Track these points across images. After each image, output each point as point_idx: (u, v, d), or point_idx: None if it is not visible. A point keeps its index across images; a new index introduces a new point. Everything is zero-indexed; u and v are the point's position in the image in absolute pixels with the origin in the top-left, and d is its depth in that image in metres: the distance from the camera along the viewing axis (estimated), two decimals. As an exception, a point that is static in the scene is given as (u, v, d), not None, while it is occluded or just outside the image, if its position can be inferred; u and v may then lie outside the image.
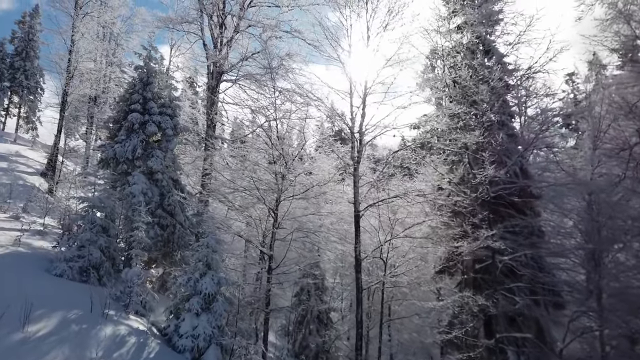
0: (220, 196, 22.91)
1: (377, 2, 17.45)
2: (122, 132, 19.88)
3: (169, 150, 20.61)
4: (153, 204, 18.94)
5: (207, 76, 24.33)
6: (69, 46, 30.48)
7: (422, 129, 18.46)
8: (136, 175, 18.95)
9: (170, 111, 20.85)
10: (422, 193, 16.81)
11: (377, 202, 17.15)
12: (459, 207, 16.86)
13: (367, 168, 18.35)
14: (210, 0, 23.92)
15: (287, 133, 18.56)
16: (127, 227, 17.79)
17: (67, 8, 30.62)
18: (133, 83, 20.74)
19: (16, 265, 13.63)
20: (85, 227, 15.10)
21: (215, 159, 23.28)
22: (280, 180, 17.85)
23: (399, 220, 17.76)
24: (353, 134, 17.76)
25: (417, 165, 18.01)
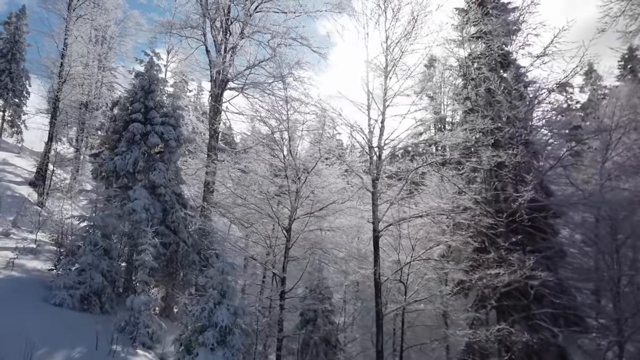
0: (225, 211, 21.86)
1: (398, 10, 16.48)
2: (122, 143, 18.62)
3: (172, 162, 19.40)
4: (155, 220, 17.70)
5: (211, 84, 23.19)
6: (62, 50, 29.03)
7: (443, 143, 17.51)
8: (137, 189, 17.75)
9: (173, 121, 19.65)
10: (446, 212, 15.84)
11: (397, 221, 16.17)
12: (483, 227, 15.94)
13: (385, 184, 17.30)
14: (215, 4, 22.77)
15: (299, 145, 17.45)
16: (129, 247, 16.59)
17: (60, 10, 29.19)
18: (134, 91, 19.50)
19: (12, 295, 12.38)
20: (86, 249, 13.88)
21: (218, 171, 22.20)
22: (293, 196, 16.79)
23: (419, 240, 16.77)
24: (371, 149, 16.78)
25: (438, 181, 17.09)
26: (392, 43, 16.91)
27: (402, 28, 16.52)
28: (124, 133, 18.86)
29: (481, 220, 15.80)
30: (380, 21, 17.25)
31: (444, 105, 42.16)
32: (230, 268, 12.67)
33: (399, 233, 16.68)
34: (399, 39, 16.65)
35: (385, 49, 17.11)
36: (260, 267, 22.03)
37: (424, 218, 16.23)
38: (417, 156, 18.46)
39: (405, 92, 16.10)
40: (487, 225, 15.78)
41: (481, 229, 15.91)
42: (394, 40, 16.83)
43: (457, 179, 17.11)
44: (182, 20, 23.19)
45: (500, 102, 16.18)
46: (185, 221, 19.09)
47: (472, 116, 16.60)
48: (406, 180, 16.46)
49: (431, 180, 17.87)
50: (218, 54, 23.46)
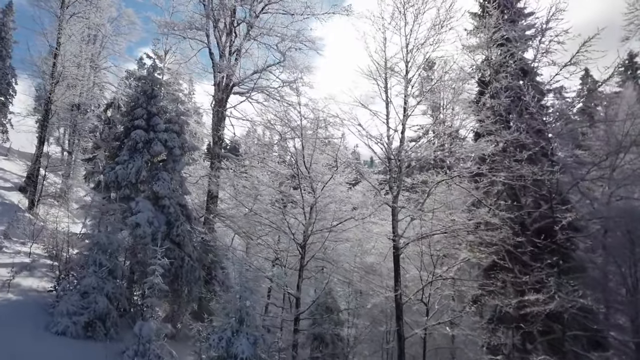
0: (229, 222, 20.87)
1: (422, 14, 15.63)
2: (123, 151, 17.51)
3: (176, 171, 18.35)
4: (160, 234, 16.65)
5: (214, 88, 22.09)
6: (54, 49, 27.70)
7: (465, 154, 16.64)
8: (141, 201, 16.69)
9: (177, 127, 18.61)
10: (471, 228, 14.99)
11: (419, 237, 15.29)
12: (509, 246, 15.12)
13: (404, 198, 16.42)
14: (220, 5, 21.71)
15: (313, 156, 16.47)
16: (133, 264, 15.54)
17: (53, 8, 27.88)
18: (135, 96, 18.39)
19: (10, 322, 11.35)
20: (89, 270, 12.79)
21: (223, 179, 21.17)
22: (308, 210, 15.84)
23: (442, 257, 15.93)
24: (390, 161, 15.90)
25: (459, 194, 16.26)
26: (413, 48, 16.06)
27: (425, 33, 15.64)
28: (125, 140, 17.78)
29: (507, 237, 14.96)
30: (400, 25, 16.42)
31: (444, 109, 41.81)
32: (248, 293, 11.69)
33: (420, 250, 15.79)
34: (422, 45, 15.80)
35: (406, 55, 16.26)
36: (265, 281, 21.10)
37: (447, 234, 15.36)
38: (437, 168, 17.59)
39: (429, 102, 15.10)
40: (514, 243, 14.96)
41: (508, 247, 15.08)
42: (416, 46, 15.99)
43: (479, 193, 16.24)
44: (184, 21, 21.99)
45: (532, 114, 15.38)
46: (190, 234, 18.04)
47: (496, 127, 15.75)
48: (428, 194, 15.58)
49: (451, 194, 16.95)
50: (222, 57, 22.42)
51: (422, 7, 15.93)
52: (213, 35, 22.48)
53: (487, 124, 15.22)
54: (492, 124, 15.36)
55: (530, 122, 16.02)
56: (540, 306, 12.41)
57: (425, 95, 16.70)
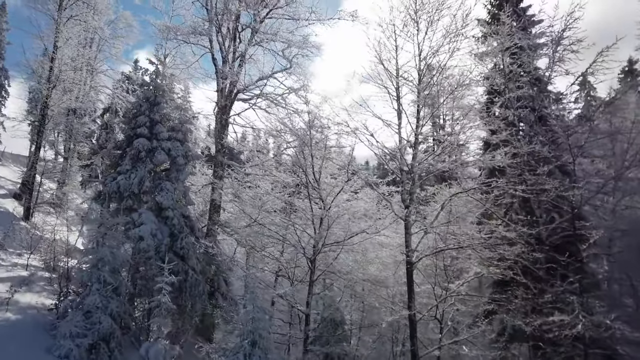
0: (233, 232, 20.32)
1: (437, 21, 15.21)
2: (126, 160, 16.90)
3: (180, 181, 17.75)
4: (163, 247, 16.09)
5: (217, 94, 21.53)
6: (51, 52, 27.03)
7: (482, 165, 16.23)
8: (144, 213, 16.10)
9: (180, 135, 18.03)
10: (487, 243, 14.52)
11: (434, 251, 14.82)
12: (526, 261, 14.67)
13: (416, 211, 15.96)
14: (224, 10, 21.18)
15: (323, 167, 15.98)
16: (136, 279, 14.93)
17: (50, 10, 27.19)
18: (138, 103, 17.79)
19: (10, 345, 10.73)
20: (93, 288, 12.19)
21: (226, 188, 20.63)
22: (317, 222, 15.32)
23: (456, 271, 15.49)
24: (403, 172, 15.43)
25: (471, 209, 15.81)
26: (427, 56, 15.65)
27: (439, 41, 15.22)
28: (127, 149, 17.17)
29: (523, 252, 14.52)
30: (413, 32, 16.00)
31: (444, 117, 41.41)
32: (262, 314, 11.15)
33: (434, 264, 15.33)
34: (435, 53, 15.39)
35: (419, 63, 15.84)
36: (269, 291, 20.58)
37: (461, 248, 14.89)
38: (448, 179, 17.18)
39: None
40: (530, 258, 14.53)
41: (524, 262, 14.63)
42: (429, 54, 15.57)
43: (493, 206, 15.81)
44: (188, 26, 21.40)
45: (548, 124, 15.00)
46: (194, 246, 17.45)
47: (512, 137, 15.35)
48: (442, 207, 15.13)
49: (464, 206, 16.50)
50: (225, 63, 21.87)
51: (435, 14, 15.54)
52: (216, 40, 21.95)
53: (504, 135, 14.78)
54: (509, 135, 14.96)
55: (548, 134, 15.66)
56: (567, 329, 11.88)
57: (424, 101, 16.28)
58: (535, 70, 17.79)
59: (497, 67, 19.73)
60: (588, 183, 14.64)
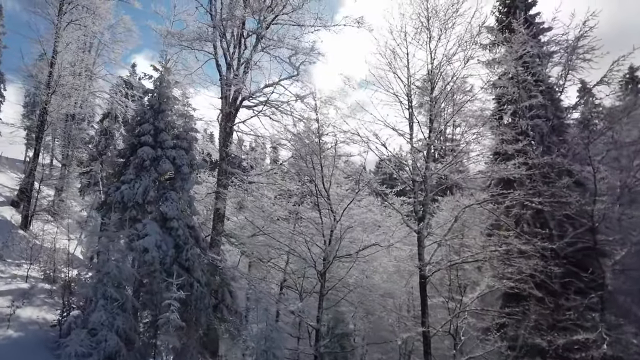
0: (237, 242, 19.90)
1: (452, 27, 14.89)
2: (130, 169, 16.43)
3: (185, 191, 17.30)
4: (168, 259, 15.64)
5: (221, 101, 21.13)
6: (51, 57, 26.56)
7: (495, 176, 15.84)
8: (148, 224, 15.63)
9: (185, 144, 17.59)
10: (505, 256, 14.15)
11: (449, 264, 14.41)
12: (539, 273, 14.31)
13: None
14: (229, 15, 20.81)
15: (332, 176, 15.59)
16: (142, 293, 14.46)
17: (50, 15, 26.73)
18: (142, 110, 17.34)
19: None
20: (98, 304, 11.72)
21: (231, 198, 20.22)
22: (328, 234, 14.91)
23: (469, 284, 15.10)
24: (415, 183, 15.06)
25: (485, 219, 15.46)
26: (439, 64, 15.33)
27: (453, 49, 14.90)
28: (131, 158, 16.72)
29: (538, 265, 14.16)
30: (424, 40, 15.69)
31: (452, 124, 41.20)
32: (275, 333, 10.72)
33: (448, 277, 14.95)
34: (449, 61, 15.07)
35: (431, 71, 15.52)
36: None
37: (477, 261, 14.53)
38: (457, 190, 16.84)
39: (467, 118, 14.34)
40: (545, 271, 14.17)
41: (540, 275, 14.27)
42: (443, 62, 15.26)
43: (507, 218, 15.47)
44: (193, 32, 21.01)
45: (567, 135, 14.70)
46: (200, 258, 16.99)
47: (528, 149, 15.03)
48: (456, 219, 14.76)
49: (478, 218, 16.12)
50: (229, 69, 21.49)
51: (449, 21, 15.23)
52: (220, 46, 21.57)
53: (520, 145, 14.44)
54: (526, 145, 14.64)
55: (563, 144, 15.37)
56: (592, 349, 11.49)
57: (437, 110, 15.96)
58: (548, 78, 17.53)
59: (507, 74, 19.45)
60: (610, 196, 14.30)
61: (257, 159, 21.52)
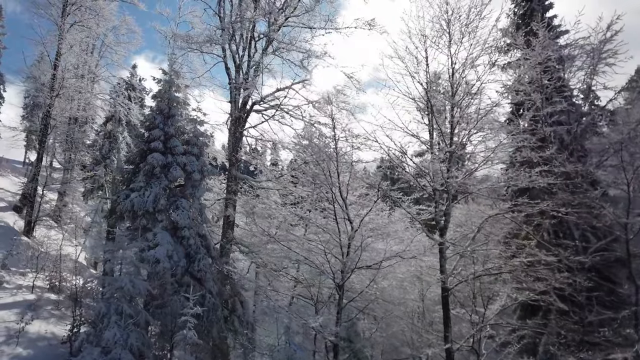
0: (248, 250, 19.39)
1: (474, 31, 14.37)
2: (139, 177, 15.91)
3: (196, 198, 16.83)
4: (179, 269, 15.14)
5: (230, 105, 20.60)
6: (54, 60, 26.04)
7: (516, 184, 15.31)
8: (160, 233, 15.11)
9: (196, 150, 17.11)
10: (532, 269, 13.62)
11: (472, 276, 13.86)
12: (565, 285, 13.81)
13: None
14: (239, 18, 20.30)
15: (350, 184, 15.07)
16: (153, 307, 13.92)
17: (53, 16, 26.18)
18: (152, 116, 16.81)
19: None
20: (111, 320, 11.19)
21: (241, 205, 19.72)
22: (346, 245, 14.37)
23: (492, 297, 14.55)
24: (436, 191, 14.54)
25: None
26: (460, 68, 14.83)
27: (477, 52, 14.40)
28: (141, 165, 16.20)
29: (565, 278, 13.66)
30: (445, 43, 15.17)
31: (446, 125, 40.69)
32: (300, 353, 10.20)
33: (471, 289, 14.44)
34: (471, 65, 14.57)
35: (451, 75, 15.01)
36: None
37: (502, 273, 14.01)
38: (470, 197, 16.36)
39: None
40: (574, 285, 13.69)
41: (566, 288, 13.76)
42: (464, 66, 14.76)
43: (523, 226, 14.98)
44: (196, 33, 20.51)
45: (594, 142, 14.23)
46: (211, 267, 16.49)
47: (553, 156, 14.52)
48: (479, 229, 14.26)
49: (500, 228, 15.57)
50: (238, 72, 20.98)
51: (472, 23, 14.73)
52: (229, 49, 21.04)
53: (548, 153, 13.92)
54: (556, 152, 14.15)
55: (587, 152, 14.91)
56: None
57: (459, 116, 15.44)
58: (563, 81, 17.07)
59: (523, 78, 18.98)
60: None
61: (267, 164, 20.96)
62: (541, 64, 16.47)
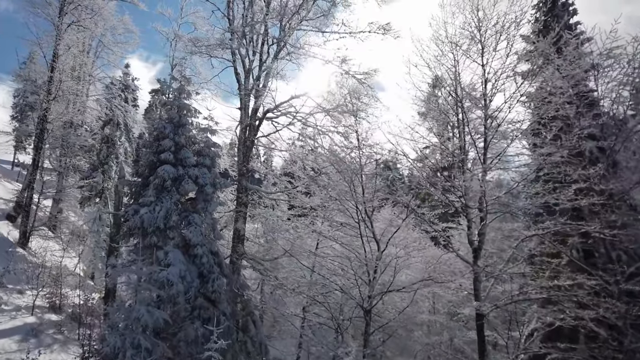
0: (260, 266, 18.41)
1: (513, 38, 13.58)
2: (149, 191, 14.84)
3: (208, 212, 15.78)
4: (192, 290, 14.11)
5: (241, 112, 19.55)
6: (51, 61, 24.80)
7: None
8: (171, 252, 14.05)
9: (208, 161, 16.09)
10: (574, 293, 12.77)
11: (510, 301, 12.99)
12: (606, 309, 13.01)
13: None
14: (251, 21, 19.30)
15: (373, 200, 14.17)
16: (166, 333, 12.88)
17: (51, 16, 24.95)
18: (162, 125, 15.72)
19: None
20: (127, 355, 10.17)
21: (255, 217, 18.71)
22: (372, 267, 13.47)
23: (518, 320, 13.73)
24: (469, 209, 13.67)
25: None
26: (493, 78, 14.02)
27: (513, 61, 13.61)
28: (150, 178, 15.13)
29: (606, 301, 12.86)
30: (477, 51, 14.36)
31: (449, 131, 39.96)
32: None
33: (508, 318, 13.58)
34: (508, 75, 13.76)
35: (484, 85, 14.19)
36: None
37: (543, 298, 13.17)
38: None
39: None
40: (613, 309, 12.87)
41: (603, 312, 12.95)
42: (498, 76, 13.95)
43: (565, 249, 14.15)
44: (202, 35, 19.56)
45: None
46: (224, 286, 15.46)
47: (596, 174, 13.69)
48: (515, 248, 13.42)
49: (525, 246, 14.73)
50: (247, 77, 19.96)
51: (505, 31, 13.93)
52: (239, 53, 19.99)
53: (596, 171, 13.05)
54: (603, 169, 13.32)
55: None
56: None
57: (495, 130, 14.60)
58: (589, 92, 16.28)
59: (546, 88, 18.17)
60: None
61: (278, 174, 19.94)
62: (573, 77, 15.69)
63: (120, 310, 11.00)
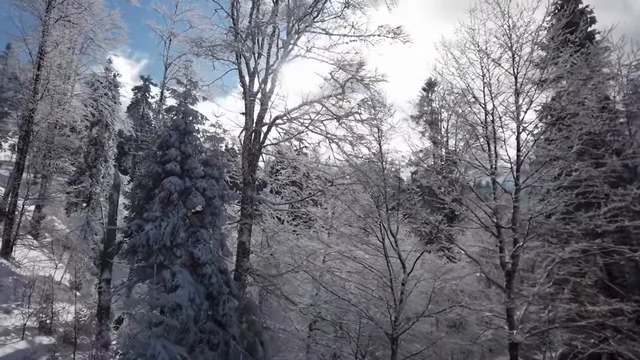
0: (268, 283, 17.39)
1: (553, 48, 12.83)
2: (154, 205, 13.66)
3: (217, 227, 14.69)
4: (202, 313, 13.00)
5: (246, 118, 18.42)
6: (37, 58, 23.28)
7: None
8: (179, 272, 12.91)
9: (216, 172, 14.99)
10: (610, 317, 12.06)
11: (549, 327, 12.18)
12: None
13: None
14: (257, 22, 18.21)
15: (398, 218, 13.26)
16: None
17: (38, 10, 23.41)
18: (167, 132, 14.54)
19: None
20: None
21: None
22: (398, 290, 12.55)
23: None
24: (500, 229, 12.86)
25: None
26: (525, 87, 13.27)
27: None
28: (156, 190, 13.94)
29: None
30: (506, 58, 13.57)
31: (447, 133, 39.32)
32: None
33: (537, 341, 12.82)
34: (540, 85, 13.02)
35: (516, 97, 13.39)
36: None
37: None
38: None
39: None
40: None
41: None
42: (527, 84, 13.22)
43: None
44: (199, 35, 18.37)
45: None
46: (234, 308, 14.35)
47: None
48: (549, 273, 12.66)
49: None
50: (251, 81, 18.84)
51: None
52: (244, 55, 18.86)
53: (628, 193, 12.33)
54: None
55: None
56: None
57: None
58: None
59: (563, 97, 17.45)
60: None
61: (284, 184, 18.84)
62: (595, 89, 14.99)
63: (134, 346, 9.82)
